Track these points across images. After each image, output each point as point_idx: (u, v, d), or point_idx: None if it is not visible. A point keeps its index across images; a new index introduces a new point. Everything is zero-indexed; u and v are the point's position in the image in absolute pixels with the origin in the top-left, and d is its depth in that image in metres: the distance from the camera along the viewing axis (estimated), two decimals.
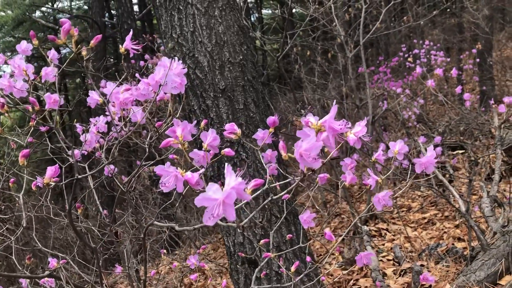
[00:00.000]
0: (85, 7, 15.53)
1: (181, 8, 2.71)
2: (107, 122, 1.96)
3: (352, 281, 3.65)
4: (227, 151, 1.36)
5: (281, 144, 1.03)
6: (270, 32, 6.71)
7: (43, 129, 2.34)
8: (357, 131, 1.11)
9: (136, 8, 13.80)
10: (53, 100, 1.50)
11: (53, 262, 2.00)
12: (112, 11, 14.37)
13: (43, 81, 1.69)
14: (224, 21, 2.73)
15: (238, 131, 1.31)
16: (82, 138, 1.88)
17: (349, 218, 5.43)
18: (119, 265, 3.43)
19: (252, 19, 15.73)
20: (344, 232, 3.09)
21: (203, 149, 1.35)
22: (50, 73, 1.70)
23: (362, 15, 4.95)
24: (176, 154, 1.68)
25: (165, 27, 2.79)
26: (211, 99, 2.68)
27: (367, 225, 4.72)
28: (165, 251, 3.46)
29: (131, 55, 1.43)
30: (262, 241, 1.78)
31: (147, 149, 1.65)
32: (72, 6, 16.11)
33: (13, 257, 1.86)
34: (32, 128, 1.58)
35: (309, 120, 0.96)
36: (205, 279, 4.94)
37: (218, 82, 2.67)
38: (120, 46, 1.48)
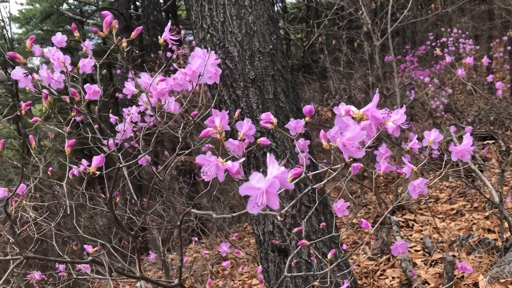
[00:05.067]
0: None
1: None
2: (138, 112, 2.00)
3: (379, 271, 3.64)
4: (262, 140, 1.36)
5: (322, 133, 1.03)
6: (296, 21, 6.66)
7: (78, 119, 2.39)
8: (396, 119, 1.10)
9: None
10: (93, 90, 1.53)
11: (88, 249, 2.06)
12: (137, 2, 14.49)
13: (80, 72, 1.72)
14: (254, 11, 2.73)
15: (274, 120, 1.31)
16: (118, 128, 1.91)
17: (375, 209, 5.40)
18: (149, 253, 3.50)
19: (276, 8, 15.62)
20: (375, 223, 3.07)
21: (238, 138, 1.36)
22: (87, 64, 1.74)
23: (390, 2, 4.87)
24: (208, 143, 1.70)
25: (196, 18, 2.81)
26: (241, 89, 2.70)
27: (395, 216, 4.69)
28: (196, 238, 3.51)
29: (170, 46, 1.44)
30: (295, 229, 1.79)
31: (180, 139, 1.67)
32: None
33: (53, 242, 1.92)
34: (72, 119, 1.62)
35: (350, 108, 0.96)
36: (231, 268, 5.00)
37: (248, 72, 2.68)
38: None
